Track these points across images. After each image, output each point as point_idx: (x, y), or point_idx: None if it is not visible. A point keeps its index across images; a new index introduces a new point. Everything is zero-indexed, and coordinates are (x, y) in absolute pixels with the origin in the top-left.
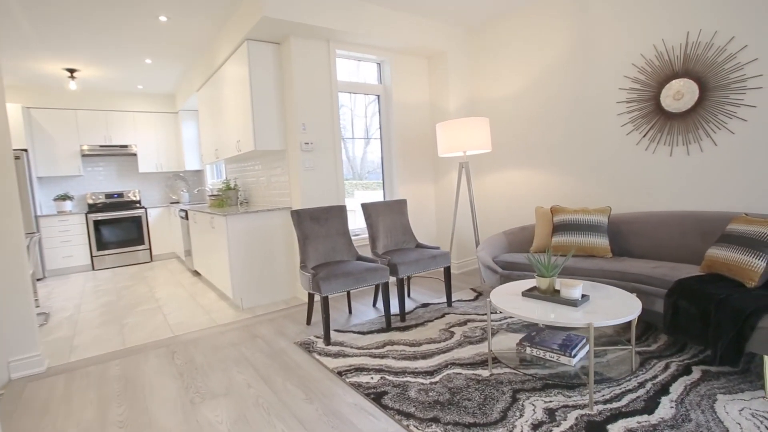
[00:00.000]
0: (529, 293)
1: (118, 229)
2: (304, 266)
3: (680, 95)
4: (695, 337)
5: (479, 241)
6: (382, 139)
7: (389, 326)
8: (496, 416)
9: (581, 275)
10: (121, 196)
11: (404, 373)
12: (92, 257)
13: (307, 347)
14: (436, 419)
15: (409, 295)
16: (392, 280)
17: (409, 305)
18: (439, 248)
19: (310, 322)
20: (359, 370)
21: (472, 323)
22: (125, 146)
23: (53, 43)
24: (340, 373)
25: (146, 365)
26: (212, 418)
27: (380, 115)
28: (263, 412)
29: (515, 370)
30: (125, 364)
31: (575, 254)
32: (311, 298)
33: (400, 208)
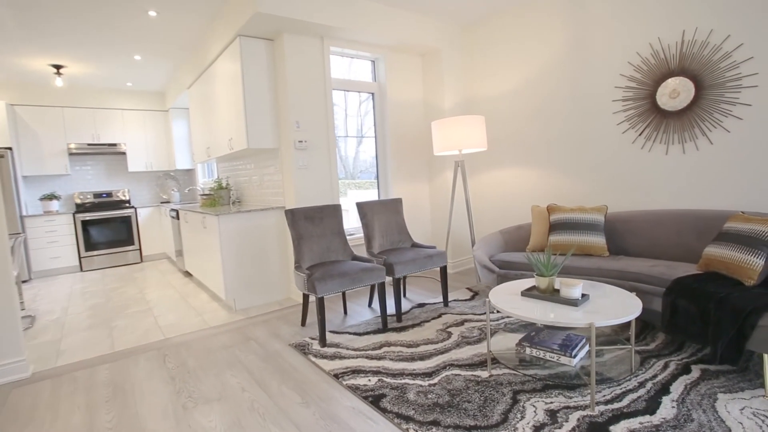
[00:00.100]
0: (528, 293)
1: (107, 229)
2: (298, 266)
3: (676, 93)
4: (694, 335)
5: (475, 240)
6: (376, 137)
7: (386, 327)
8: (497, 418)
9: (579, 274)
10: (110, 195)
11: (402, 374)
12: (80, 258)
13: (302, 349)
14: (436, 422)
15: (404, 295)
16: (388, 280)
17: (405, 305)
18: (435, 247)
19: (304, 323)
20: (356, 372)
21: (469, 323)
22: (114, 145)
23: (38, 37)
24: (336, 375)
25: (136, 369)
26: (205, 423)
27: (374, 113)
28: (258, 417)
29: (515, 370)
30: (114, 368)
31: (572, 253)
32: (306, 298)
33: (395, 207)
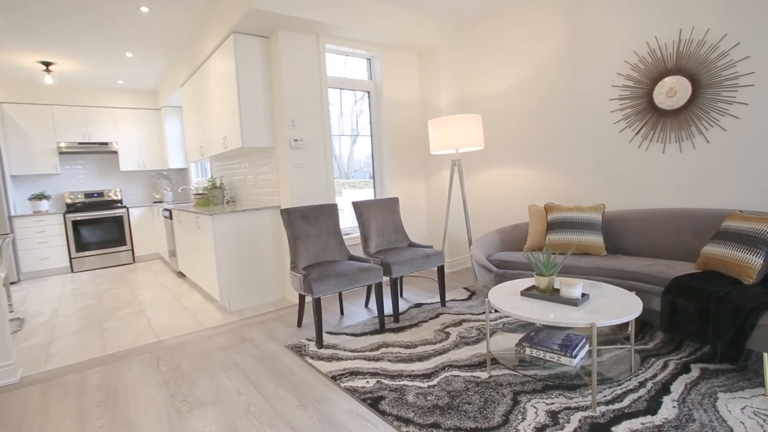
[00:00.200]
0: (527, 292)
1: (98, 229)
2: (294, 267)
3: (673, 92)
4: (694, 334)
5: (472, 239)
6: (372, 136)
7: (383, 327)
8: (498, 420)
9: (577, 273)
10: (101, 195)
11: (401, 376)
12: (71, 259)
13: (298, 350)
14: (436, 425)
15: (401, 295)
16: (385, 279)
17: (402, 305)
18: (432, 247)
19: (301, 324)
20: (354, 373)
21: (467, 323)
22: (105, 143)
23: (26, 33)
24: (334, 377)
25: (129, 373)
26: (200, 427)
27: (370, 111)
28: (255, 420)
29: (514, 371)
30: (106, 371)
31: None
32: (302, 299)
33: (392, 206)
